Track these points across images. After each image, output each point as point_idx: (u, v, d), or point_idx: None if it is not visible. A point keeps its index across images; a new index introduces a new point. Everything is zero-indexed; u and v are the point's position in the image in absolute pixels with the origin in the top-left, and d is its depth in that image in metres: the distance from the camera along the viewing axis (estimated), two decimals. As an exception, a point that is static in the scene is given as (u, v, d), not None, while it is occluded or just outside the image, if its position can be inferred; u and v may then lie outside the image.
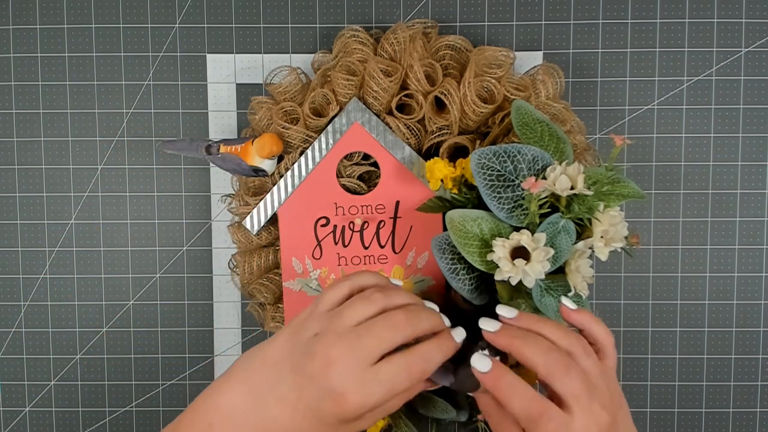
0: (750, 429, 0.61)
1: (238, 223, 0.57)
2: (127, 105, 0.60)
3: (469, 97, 0.52)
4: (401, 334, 0.39)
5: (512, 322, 0.42)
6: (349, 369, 0.38)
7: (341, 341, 0.38)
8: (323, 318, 0.41)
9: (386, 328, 0.39)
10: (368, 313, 0.40)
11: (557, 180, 0.46)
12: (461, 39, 0.55)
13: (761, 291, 0.60)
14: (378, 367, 0.38)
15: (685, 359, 0.61)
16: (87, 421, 0.62)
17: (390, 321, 0.39)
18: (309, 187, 0.55)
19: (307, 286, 0.56)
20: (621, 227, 0.47)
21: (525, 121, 0.49)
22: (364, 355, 0.38)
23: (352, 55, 0.54)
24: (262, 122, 0.56)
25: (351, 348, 0.38)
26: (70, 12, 0.59)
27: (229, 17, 0.59)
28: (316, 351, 0.38)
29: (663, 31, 0.59)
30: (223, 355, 0.62)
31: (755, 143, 0.59)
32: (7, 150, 0.60)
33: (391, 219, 0.55)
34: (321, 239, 0.56)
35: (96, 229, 0.61)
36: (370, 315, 0.40)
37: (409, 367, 0.38)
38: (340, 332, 0.39)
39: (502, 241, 0.46)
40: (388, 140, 0.54)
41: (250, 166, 0.53)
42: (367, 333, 0.39)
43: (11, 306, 0.61)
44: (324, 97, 0.54)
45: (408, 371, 0.38)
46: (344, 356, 0.38)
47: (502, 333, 0.41)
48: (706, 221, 0.60)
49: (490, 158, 0.48)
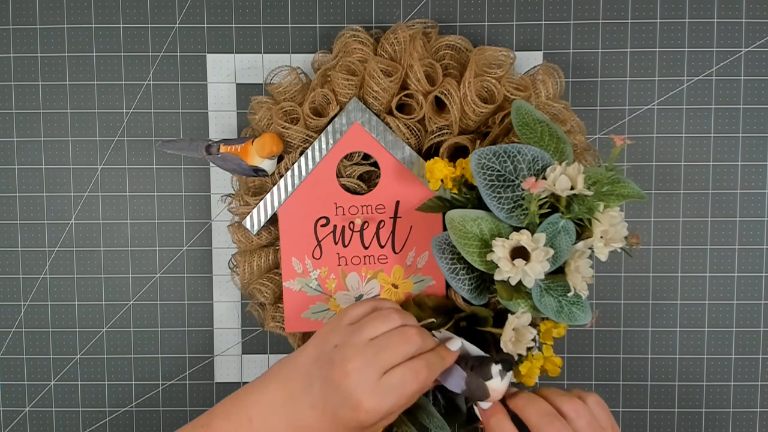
0: (750, 429, 0.61)
1: (238, 223, 0.57)
2: (127, 105, 0.60)
3: (469, 97, 0.52)
4: (414, 347, 0.44)
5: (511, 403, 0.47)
6: (365, 379, 0.42)
7: (358, 354, 0.43)
8: (344, 331, 0.45)
9: (401, 342, 0.44)
10: (384, 330, 0.45)
11: (557, 180, 0.46)
12: (461, 39, 0.55)
13: (761, 291, 0.60)
14: (389, 374, 0.43)
15: (685, 359, 0.61)
16: (87, 421, 0.62)
17: (404, 335, 0.44)
18: (309, 187, 0.55)
19: (307, 285, 0.56)
20: (621, 227, 0.47)
21: (525, 121, 0.49)
22: (379, 364, 0.43)
23: (352, 55, 0.54)
24: (262, 122, 0.56)
25: (367, 360, 0.43)
26: (70, 12, 0.59)
27: (229, 17, 0.59)
28: (336, 361, 0.43)
29: (663, 31, 0.59)
30: (223, 355, 0.62)
31: (755, 143, 0.59)
32: (7, 150, 0.60)
33: (391, 219, 0.55)
34: (321, 239, 0.56)
35: (96, 229, 0.61)
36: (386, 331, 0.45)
37: (416, 373, 0.43)
38: (357, 345, 0.44)
39: (501, 241, 0.46)
40: (388, 140, 0.54)
41: (250, 166, 0.53)
42: (384, 346, 0.43)
43: (11, 306, 0.61)
44: (324, 97, 0.54)
45: (416, 377, 0.43)
46: (360, 368, 0.42)
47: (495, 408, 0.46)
48: (706, 221, 0.60)
49: (490, 158, 0.48)
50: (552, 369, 0.50)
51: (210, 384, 0.62)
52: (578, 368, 0.61)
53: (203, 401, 0.62)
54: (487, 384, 0.46)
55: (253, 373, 0.62)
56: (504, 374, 0.46)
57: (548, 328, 0.51)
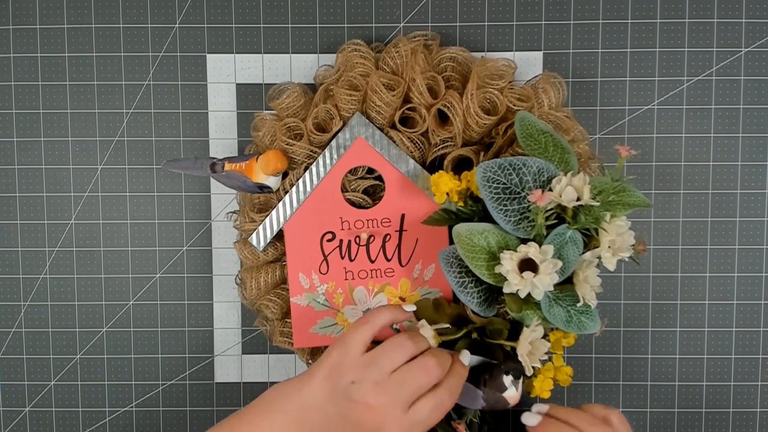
0: (750, 429, 0.61)
1: (244, 240, 0.57)
2: (127, 105, 0.60)
3: (472, 109, 0.52)
4: (435, 378, 0.44)
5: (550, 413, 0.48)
6: (391, 415, 0.42)
7: (381, 391, 0.43)
8: (358, 366, 0.44)
9: (423, 375, 0.44)
10: (402, 361, 0.44)
11: (563, 192, 0.46)
12: (462, 50, 0.55)
13: (761, 291, 0.60)
14: (415, 408, 0.43)
15: (685, 359, 0.61)
16: (87, 421, 0.62)
17: (425, 367, 0.44)
18: (314, 203, 0.55)
19: (315, 301, 0.56)
20: (628, 236, 0.47)
21: (529, 132, 0.49)
22: (404, 400, 0.43)
23: (354, 70, 0.54)
24: (265, 139, 0.56)
25: (393, 396, 0.43)
26: (70, 12, 0.59)
27: (229, 17, 0.59)
28: (356, 399, 0.43)
29: (663, 31, 0.59)
30: (223, 355, 0.62)
31: (755, 143, 0.59)
32: (7, 150, 0.60)
33: (397, 232, 0.55)
34: (327, 254, 0.56)
35: (96, 229, 0.61)
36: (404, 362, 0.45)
37: (441, 403, 0.44)
38: (378, 381, 0.43)
39: (510, 254, 0.46)
40: (392, 154, 0.54)
41: (255, 183, 0.54)
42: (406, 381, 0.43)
43: (11, 306, 0.61)
44: (327, 113, 0.54)
45: (440, 407, 0.44)
46: (384, 404, 0.42)
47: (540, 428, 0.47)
48: (706, 221, 0.60)
49: (495, 171, 0.48)
50: (563, 379, 0.51)
51: (210, 384, 0.62)
52: (578, 368, 0.61)
53: (203, 401, 0.62)
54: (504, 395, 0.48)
55: (254, 373, 0.62)
56: (516, 383, 0.48)
57: (558, 338, 0.51)
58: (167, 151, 0.60)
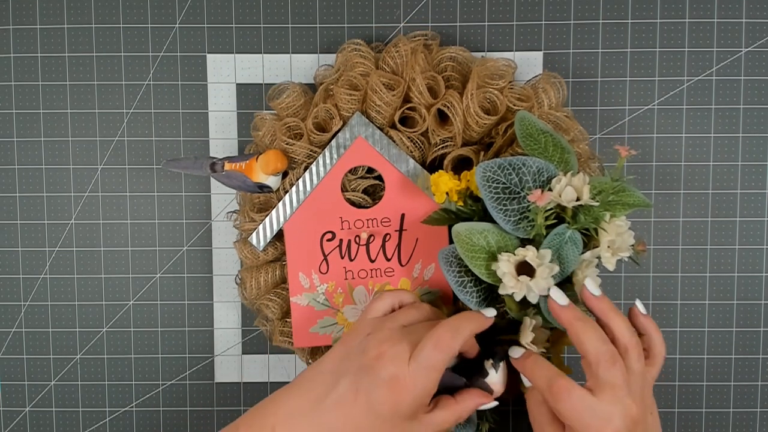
0: (750, 429, 0.61)
1: (243, 239, 0.57)
2: (127, 105, 0.60)
3: (472, 109, 0.52)
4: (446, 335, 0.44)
5: (593, 303, 0.44)
6: (399, 355, 0.42)
7: (393, 335, 0.44)
8: (374, 321, 0.46)
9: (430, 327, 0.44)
10: (419, 318, 0.46)
11: (563, 192, 0.46)
12: (462, 50, 0.55)
13: (761, 291, 0.60)
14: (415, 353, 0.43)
15: (685, 359, 0.61)
16: (87, 421, 0.62)
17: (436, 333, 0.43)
18: (314, 202, 0.55)
19: (315, 300, 0.56)
20: (627, 236, 0.47)
21: (529, 132, 0.49)
22: (410, 343, 0.43)
23: (354, 69, 0.54)
24: (265, 138, 0.56)
25: (401, 339, 0.43)
26: (70, 12, 0.59)
27: (229, 17, 0.59)
28: (369, 346, 0.43)
29: (663, 31, 0.59)
30: (223, 355, 0.62)
31: (755, 143, 0.59)
32: (7, 150, 0.60)
33: (397, 232, 0.55)
34: (327, 253, 0.56)
35: (96, 229, 0.61)
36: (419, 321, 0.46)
37: (437, 339, 0.42)
38: (391, 328, 0.44)
39: (507, 256, 0.46)
40: (392, 154, 0.54)
41: (255, 182, 0.54)
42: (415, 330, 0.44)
43: (11, 306, 0.61)
44: (327, 113, 0.54)
45: (436, 344, 0.42)
46: (394, 346, 0.43)
47: (568, 310, 0.44)
48: (706, 221, 0.60)
49: (495, 171, 0.48)
50: None
51: (210, 384, 0.62)
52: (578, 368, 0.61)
53: (203, 401, 0.62)
54: (486, 381, 0.47)
55: (254, 373, 0.62)
56: (497, 366, 0.47)
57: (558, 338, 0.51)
58: (167, 151, 0.60)
